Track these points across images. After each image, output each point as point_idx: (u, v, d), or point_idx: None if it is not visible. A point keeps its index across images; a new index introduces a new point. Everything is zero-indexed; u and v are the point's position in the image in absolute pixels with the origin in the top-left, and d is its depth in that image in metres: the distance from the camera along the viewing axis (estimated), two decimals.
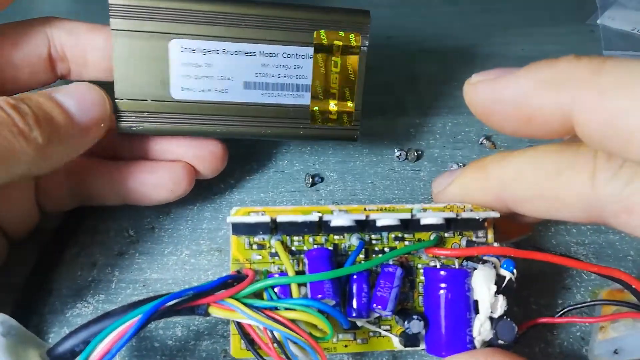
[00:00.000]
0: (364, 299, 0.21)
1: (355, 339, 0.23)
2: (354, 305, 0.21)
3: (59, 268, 0.26)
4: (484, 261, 0.22)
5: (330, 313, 0.20)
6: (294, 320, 0.20)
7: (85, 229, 0.28)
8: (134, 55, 0.24)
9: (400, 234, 0.23)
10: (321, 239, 0.22)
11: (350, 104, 0.27)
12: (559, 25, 0.42)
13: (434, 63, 0.39)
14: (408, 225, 0.22)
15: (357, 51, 0.26)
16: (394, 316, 0.22)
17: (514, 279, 0.21)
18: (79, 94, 0.23)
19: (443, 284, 0.21)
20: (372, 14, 0.26)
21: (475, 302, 0.21)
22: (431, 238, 0.23)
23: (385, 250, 0.23)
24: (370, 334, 0.23)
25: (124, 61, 0.24)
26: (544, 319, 0.23)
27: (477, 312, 0.21)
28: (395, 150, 0.32)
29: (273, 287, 0.20)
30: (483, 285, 0.21)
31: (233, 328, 0.21)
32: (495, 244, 0.22)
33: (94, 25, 0.25)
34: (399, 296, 0.22)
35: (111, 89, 0.25)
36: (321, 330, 0.20)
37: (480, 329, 0.21)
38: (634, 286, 0.21)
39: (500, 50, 0.40)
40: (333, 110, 0.27)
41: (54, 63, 0.25)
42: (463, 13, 0.44)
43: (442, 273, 0.21)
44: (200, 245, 0.28)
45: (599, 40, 0.41)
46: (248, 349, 0.21)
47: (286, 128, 0.27)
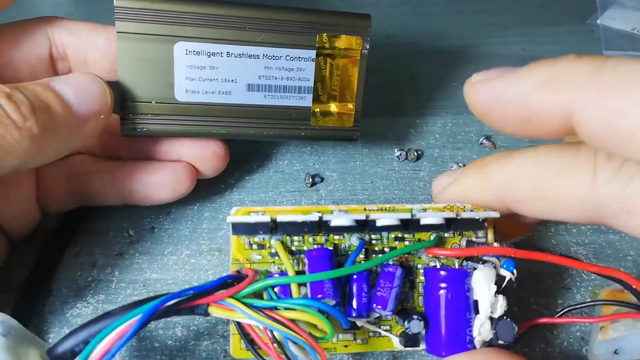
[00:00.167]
0: (364, 299, 0.21)
1: (355, 339, 0.23)
2: (354, 305, 0.21)
3: (59, 268, 0.26)
4: (484, 261, 0.22)
5: (330, 313, 0.20)
6: (294, 320, 0.20)
7: (85, 229, 0.28)
8: (138, 57, 0.24)
9: (400, 234, 0.23)
10: (321, 239, 0.22)
11: (350, 106, 0.27)
12: (559, 25, 0.42)
13: (434, 63, 0.39)
14: (408, 225, 0.22)
15: (358, 54, 0.26)
16: (394, 316, 0.22)
17: (514, 279, 0.21)
18: (79, 84, 0.22)
19: (443, 284, 0.21)
20: (372, 14, 0.26)
21: (475, 302, 0.21)
22: (431, 238, 0.23)
23: (385, 250, 0.23)
24: (370, 334, 0.23)
25: (129, 63, 0.24)
26: (544, 319, 0.23)
27: (477, 312, 0.21)
28: (395, 150, 0.32)
29: (273, 287, 0.20)
30: (483, 285, 0.21)
31: (233, 328, 0.21)
32: (495, 244, 0.22)
33: (95, 24, 0.25)
34: (399, 296, 0.22)
35: (113, 89, 0.25)
36: (321, 330, 0.20)
37: (480, 329, 0.21)
38: (634, 286, 0.20)
39: (500, 50, 0.40)
40: (334, 112, 0.27)
41: (55, 63, 0.25)
42: (463, 13, 0.44)
43: (442, 273, 0.21)
44: (200, 245, 0.28)
45: (599, 40, 0.41)
46: (248, 349, 0.21)
47: (288, 129, 0.27)
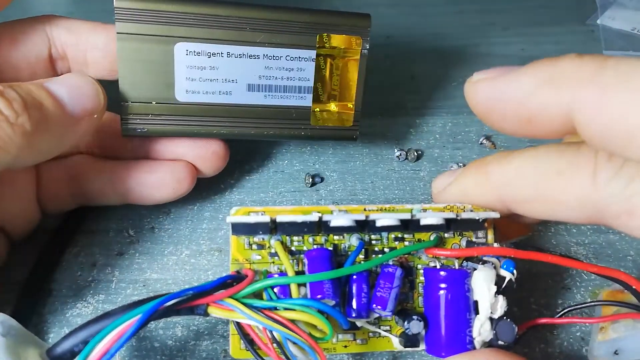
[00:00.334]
0: (363, 299, 0.21)
1: (354, 340, 0.23)
2: (354, 306, 0.21)
3: (59, 268, 0.26)
4: (484, 262, 0.22)
5: (330, 313, 0.20)
6: (294, 321, 0.20)
7: (85, 229, 0.28)
8: (138, 58, 0.24)
9: (400, 234, 0.23)
10: (321, 239, 0.22)
11: (350, 105, 0.27)
12: (559, 25, 0.42)
13: (434, 63, 0.39)
14: (408, 226, 0.22)
15: (358, 54, 0.26)
16: (394, 316, 0.22)
17: (514, 280, 0.21)
18: (72, 84, 0.22)
19: (443, 284, 0.21)
20: (372, 14, 0.26)
21: (475, 303, 0.21)
22: (431, 238, 0.23)
23: (385, 250, 0.23)
24: (370, 334, 0.23)
25: (129, 64, 0.24)
26: (544, 320, 0.23)
27: (477, 313, 0.21)
28: (395, 150, 0.32)
29: (272, 287, 0.20)
30: (483, 285, 0.21)
31: (232, 328, 0.21)
32: (495, 245, 0.22)
33: (95, 23, 0.25)
34: (399, 296, 0.22)
35: (113, 88, 0.24)
36: (321, 331, 0.20)
37: (480, 330, 0.21)
38: (634, 287, 0.20)
39: (500, 50, 0.40)
40: (334, 112, 0.27)
41: (54, 62, 0.25)
42: (463, 13, 0.44)
43: (442, 273, 0.21)
44: (200, 245, 0.28)
45: (599, 40, 0.41)
46: (247, 349, 0.21)
47: (288, 129, 0.27)
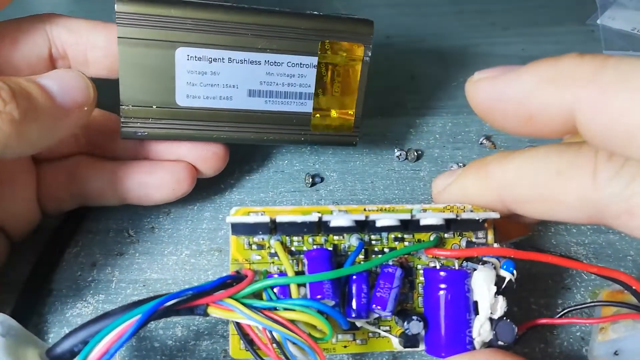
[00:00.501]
0: (363, 299, 0.21)
1: (354, 340, 0.23)
2: (354, 306, 0.21)
3: (59, 268, 0.26)
4: (483, 262, 0.22)
5: (330, 313, 0.20)
6: (293, 321, 0.20)
7: (85, 229, 0.28)
8: (140, 62, 0.24)
9: (400, 235, 0.23)
10: (321, 239, 0.22)
11: (350, 112, 0.27)
12: (559, 25, 0.42)
13: (434, 63, 0.39)
14: (408, 226, 0.22)
15: (360, 62, 0.26)
16: (394, 317, 0.22)
17: (513, 280, 0.21)
18: (62, 78, 0.22)
19: (443, 284, 0.21)
20: (372, 14, 0.26)
21: (475, 303, 0.21)
22: (431, 239, 0.23)
23: (385, 250, 0.23)
24: (370, 334, 0.23)
25: (130, 68, 0.24)
26: (544, 320, 0.23)
27: (477, 313, 0.21)
28: (395, 150, 0.32)
29: (272, 288, 0.20)
30: (483, 286, 0.21)
31: (232, 328, 0.21)
32: (495, 245, 0.22)
33: (95, 22, 0.25)
34: (399, 297, 0.22)
35: (113, 89, 0.24)
36: (320, 331, 0.20)
37: (480, 330, 0.21)
38: (634, 287, 0.20)
39: (501, 50, 0.40)
40: (334, 118, 0.27)
41: (54, 62, 0.25)
42: (463, 13, 0.44)
43: (442, 274, 0.21)
44: (200, 245, 0.28)
45: (599, 40, 0.41)
46: (247, 349, 0.21)
47: (288, 134, 0.27)
